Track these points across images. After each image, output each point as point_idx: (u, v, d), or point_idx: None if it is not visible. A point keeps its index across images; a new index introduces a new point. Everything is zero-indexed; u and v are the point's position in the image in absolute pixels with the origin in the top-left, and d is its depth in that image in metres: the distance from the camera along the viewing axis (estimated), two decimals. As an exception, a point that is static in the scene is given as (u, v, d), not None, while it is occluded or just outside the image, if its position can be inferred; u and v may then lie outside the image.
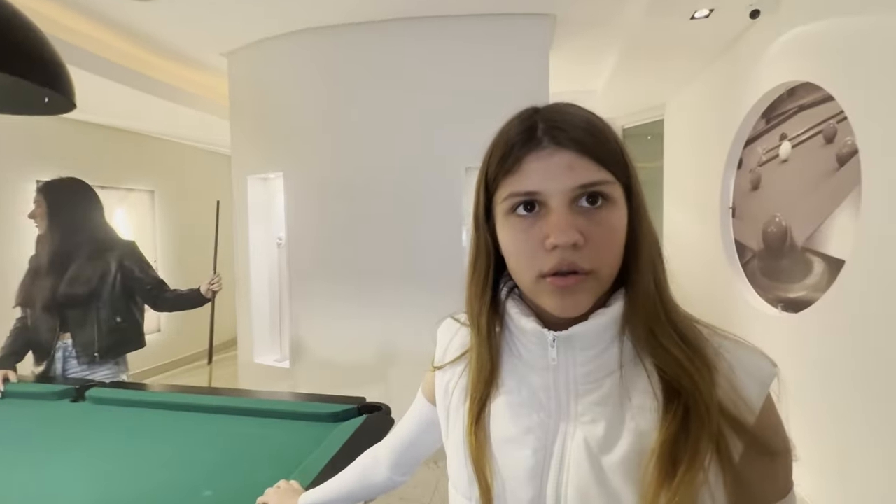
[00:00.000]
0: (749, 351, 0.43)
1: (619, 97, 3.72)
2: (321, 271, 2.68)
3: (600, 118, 0.44)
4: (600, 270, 0.40)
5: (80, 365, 1.68)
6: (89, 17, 2.38)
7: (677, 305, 0.44)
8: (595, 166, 0.40)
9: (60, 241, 1.67)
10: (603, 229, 0.40)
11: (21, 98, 0.94)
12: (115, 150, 3.87)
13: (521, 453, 0.43)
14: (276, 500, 0.78)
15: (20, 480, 0.96)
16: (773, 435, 0.41)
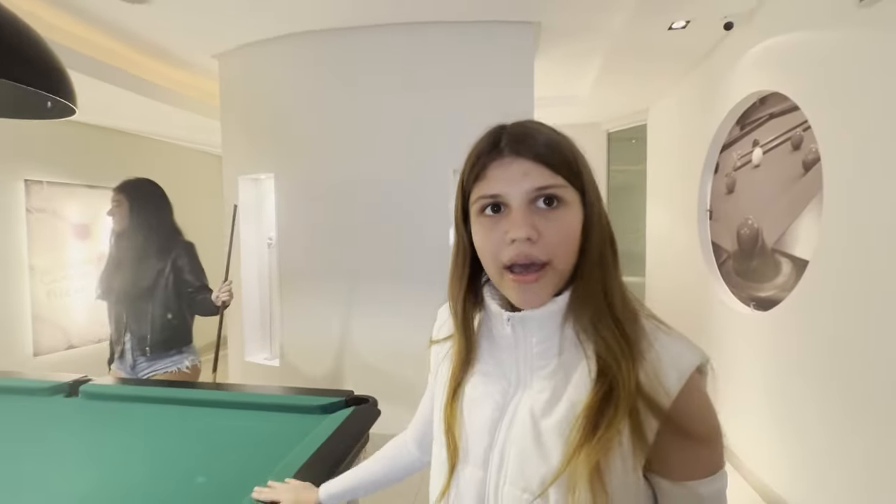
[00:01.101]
0: (678, 344, 0.48)
1: (602, 102, 3.82)
2: (310, 271, 2.73)
3: (560, 133, 0.51)
4: (555, 261, 0.47)
5: (142, 357, 1.79)
6: (82, 19, 2.40)
7: (627, 299, 0.50)
8: (549, 172, 0.47)
9: (137, 238, 1.78)
10: (557, 226, 0.47)
11: (25, 104, 0.98)
12: (106, 150, 3.87)
13: (483, 411, 0.52)
14: (288, 496, 0.78)
15: (13, 473, 1.00)
16: (690, 421, 0.44)
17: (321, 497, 0.78)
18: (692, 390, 0.45)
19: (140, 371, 1.85)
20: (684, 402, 0.45)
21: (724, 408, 2.47)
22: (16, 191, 3.22)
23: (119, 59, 2.76)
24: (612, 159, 4.60)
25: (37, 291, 3.35)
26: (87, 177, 3.71)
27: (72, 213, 3.61)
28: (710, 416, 0.47)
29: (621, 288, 0.50)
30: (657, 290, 3.79)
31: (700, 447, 0.46)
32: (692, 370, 0.45)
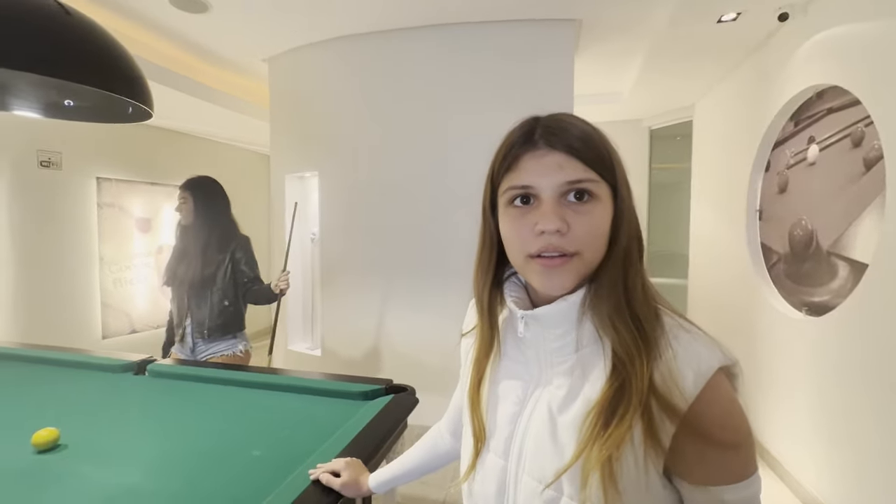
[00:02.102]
0: (698, 343, 0.46)
1: (646, 99, 3.71)
2: (350, 265, 2.83)
3: (594, 128, 0.51)
4: (584, 253, 0.47)
5: (201, 341, 1.96)
6: (148, 29, 2.60)
7: (648, 295, 0.49)
8: (582, 167, 0.47)
9: (201, 231, 1.96)
10: (587, 220, 0.47)
11: (110, 109, 1.10)
12: (166, 150, 4.16)
13: (505, 404, 0.54)
14: (347, 473, 0.83)
15: (93, 438, 1.12)
16: (710, 425, 0.43)
17: (371, 485, 0.83)
18: (713, 393, 0.43)
19: (199, 353, 2.00)
20: (704, 406, 0.43)
21: (771, 415, 2.36)
22: (89, 187, 3.53)
23: (179, 66, 2.97)
24: (655, 157, 4.45)
25: (105, 280, 3.66)
26: (149, 174, 4.00)
27: (135, 207, 3.91)
28: (734, 422, 0.44)
29: (644, 284, 0.49)
30: (701, 294, 3.65)
31: (723, 453, 0.44)
32: (712, 372, 0.44)
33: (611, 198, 0.49)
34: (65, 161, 3.39)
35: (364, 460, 0.93)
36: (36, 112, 1.12)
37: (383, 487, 0.83)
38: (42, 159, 3.27)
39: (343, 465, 0.86)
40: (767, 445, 2.44)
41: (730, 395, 0.45)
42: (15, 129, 3.09)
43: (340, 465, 0.86)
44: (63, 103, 1.12)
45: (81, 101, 1.13)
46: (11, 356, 1.77)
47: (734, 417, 0.45)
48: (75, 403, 1.35)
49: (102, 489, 0.89)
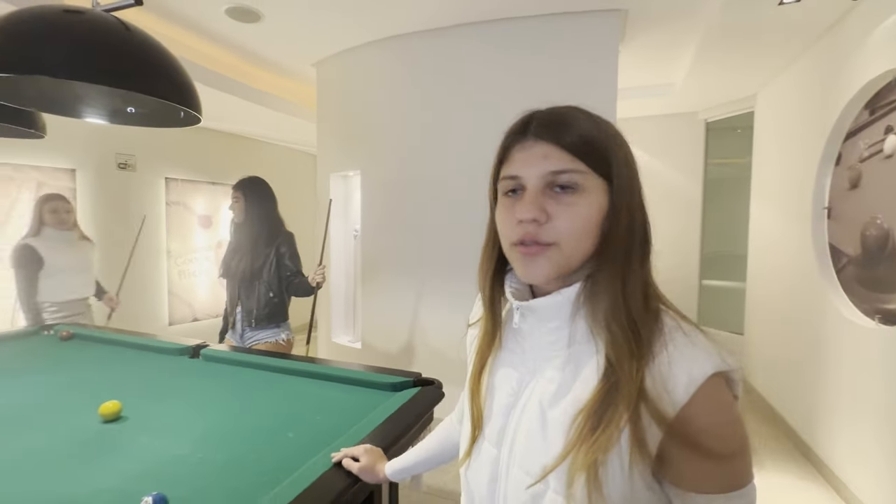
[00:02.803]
0: (695, 347, 0.44)
1: (700, 90, 3.50)
2: (389, 262, 2.91)
3: (595, 120, 0.50)
4: (562, 244, 0.46)
5: (249, 328, 2.13)
6: (205, 37, 2.81)
7: (650, 297, 0.48)
8: (569, 157, 0.46)
9: (251, 227, 2.12)
10: (569, 212, 0.46)
11: (163, 115, 1.22)
12: (224, 151, 4.47)
13: (501, 395, 0.55)
14: (365, 459, 0.87)
15: (153, 410, 1.24)
16: (699, 433, 0.42)
17: (387, 472, 0.87)
18: (704, 399, 0.42)
19: (246, 340, 2.15)
20: (694, 411, 0.41)
21: (834, 431, 2.16)
22: (159, 187, 3.87)
23: (235, 72, 3.18)
24: (712, 151, 4.18)
25: (171, 271, 4.00)
26: (210, 175, 4.32)
27: (197, 205, 4.24)
28: (726, 430, 0.43)
29: (645, 285, 0.48)
30: (760, 298, 3.40)
31: (714, 461, 0.42)
32: (705, 377, 0.42)
33: (605, 191, 0.48)
34: (139, 163, 3.74)
35: (385, 448, 0.97)
36: (104, 119, 1.26)
37: (398, 475, 0.86)
38: (120, 161, 3.62)
39: (362, 451, 0.90)
40: (829, 463, 2.24)
41: (723, 402, 0.43)
42: (98, 136, 3.45)
43: (360, 451, 0.90)
44: (126, 110, 1.25)
45: (141, 107, 1.26)
46: (90, 337, 2.00)
47: (726, 425, 0.43)
48: (138, 380, 1.50)
49: (155, 457, 0.99)
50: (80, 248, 2.47)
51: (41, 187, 3.21)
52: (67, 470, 0.95)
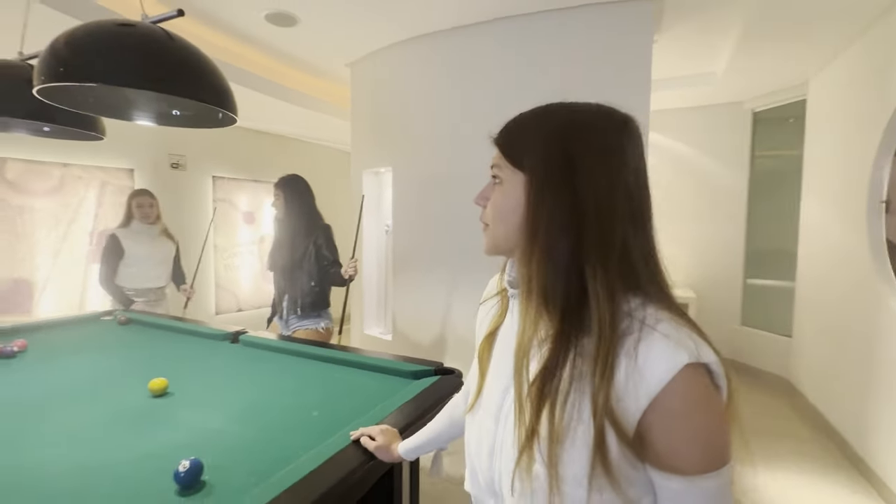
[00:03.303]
0: (667, 341, 0.45)
1: (745, 78, 3.32)
2: (420, 256, 2.97)
3: (527, 116, 0.57)
4: (491, 226, 0.57)
5: (294, 316, 2.28)
6: (244, 42, 2.97)
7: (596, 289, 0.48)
8: (498, 154, 0.56)
9: (290, 222, 2.28)
10: (493, 199, 0.57)
11: (203, 116, 1.32)
12: (265, 150, 4.69)
13: (501, 374, 0.58)
14: (381, 438, 0.92)
15: (198, 388, 1.36)
16: (674, 419, 0.45)
17: (400, 451, 0.92)
18: (678, 388, 0.44)
19: (291, 326, 2.30)
20: (667, 399, 0.44)
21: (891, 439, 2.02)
22: (207, 185, 4.12)
23: (273, 74, 3.33)
24: (760, 143, 3.95)
25: (218, 265, 4.25)
26: (253, 173, 4.55)
27: (241, 202, 4.48)
28: (700, 416, 0.45)
29: (574, 274, 0.49)
30: (810, 296, 3.19)
31: (687, 445, 0.45)
32: (678, 368, 0.44)
33: (523, 185, 0.53)
34: (189, 163, 4.00)
35: (400, 430, 1.02)
36: (152, 121, 1.38)
37: (411, 454, 0.91)
38: (172, 161, 3.89)
39: (378, 431, 0.95)
40: (883, 476, 2.09)
41: (697, 390, 0.45)
42: (153, 138, 3.72)
43: (376, 430, 0.95)
44: (171, 113, 1.37)
45: (184, 110, 1.37)
46: (144, 323, 2.18)
47: (700, 411, 0.45)
48: (184, 361, 1.63)
49: (195, 429, 1.09)
50: (160, 242, 2.69)
51: (105, 186, 3.51)
52: (119, 437, 1.06)
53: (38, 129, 1.61)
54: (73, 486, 0.86)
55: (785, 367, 3.51)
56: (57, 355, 1.68)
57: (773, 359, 3.64)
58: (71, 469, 0.92)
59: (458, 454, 2.35)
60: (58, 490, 0.85)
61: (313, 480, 0.83)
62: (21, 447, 1.01)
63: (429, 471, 1.49)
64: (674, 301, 0.51)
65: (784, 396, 3.37)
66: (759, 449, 2.52)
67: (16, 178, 3.07)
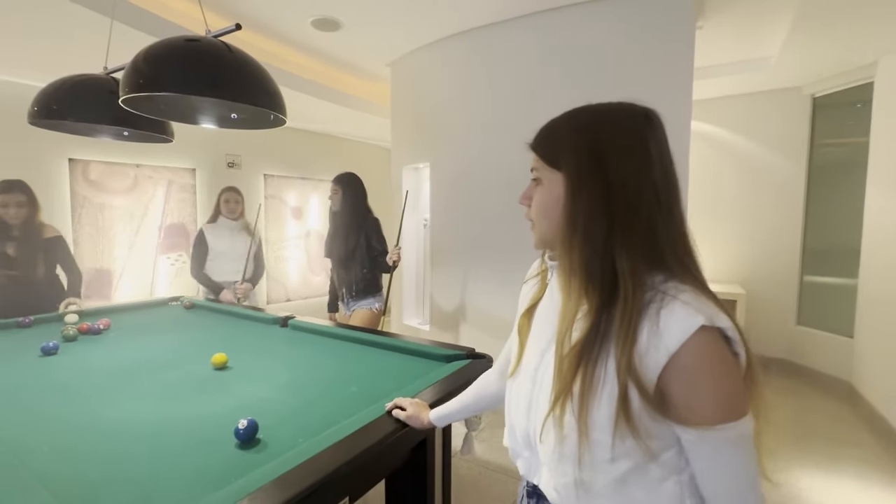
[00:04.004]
0: (685, 307, 0.51)
1: (804, 61, 3.12)
2: (457, 249, 3.05)
3: (560, 120, 0.63)
4: (536, 222, 0.64)
5: (351, 299, 2.51)
6: (292, 47, 3.15)
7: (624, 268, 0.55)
8: (535, 157, 0.64)
9: (345, 215, 2.49)
10: (535, 198, 0.64)
11: (259, 118, 1.47)
12: (310, 149, 4.94)
13: (539, 339, 0.67)
14: (411, 409, 1.01)
15: (252, 364, 1.51)
16: (691, 374, 0.51)
17: (431, 417, 1.00)
18: (693, 346, 0.50)
19: (350, 307, 2.53)
20: (683, 357, 0.50)
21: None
22: (259, 182, 4.41)
23: (318, 76, 3.51)
24: (821, 131, 3.69)
25: (269, 257, 4.54)
26: (300, 171, 4.81)
27: (290, 198, 4.74)
28: (714, 372, 0.51)
29: (609, 259, 0.55)
30: (876, 298, 2.97)
31: (704, 398, 0.51)
32: (693, 329, 0.50)
33: (562, 183, 0.60)
34: (243, 162, 4.30)
35: (430, 405, 1.10)
36: (213, 124, 1.54)
37: (440, 421, 0.99)
38: (229, 161, 4.20)
39: (409, 402, 1.04)
40: (951, 487, 1.94)
41: (712, 348, 0.51)
42: (211, 140, 4.03)
43: (407, 402, 1.04)
44: (230, 116, 1.52)
45: (241, 113, 1.52)
46: (206, 307, 2.42)
47: (714, 368, 0.51)
48: (240, 341, 1.81)
49: (249, 397, 1.23)
50: (240, 237, 2.89)
51: (171, 184, 3.85)
52: (189, 399, 1.22)
53: (119, 133, 1.83)
54: (155, 433, 1.03)
55: (845, 369, 3.29)
56: (135, 333, 1.91)
57: (833, 360, 3.42)
58: (153, 420, 1.09)
59: (489, 440, 2.47)
60: (144, 435, 1.02)
61: (353, 440, 0.93)
62: (114, 403, 1.19)
63: (460, 450, 1.57)
64: (699, 278, 0.57)
65: (844, 400, 3.17)
66: (817, 454, 2.40)
67: (97, 178, 3.44)
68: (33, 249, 2.24)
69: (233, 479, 0.82)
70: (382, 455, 0.96)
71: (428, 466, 1.30)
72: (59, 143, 3.16)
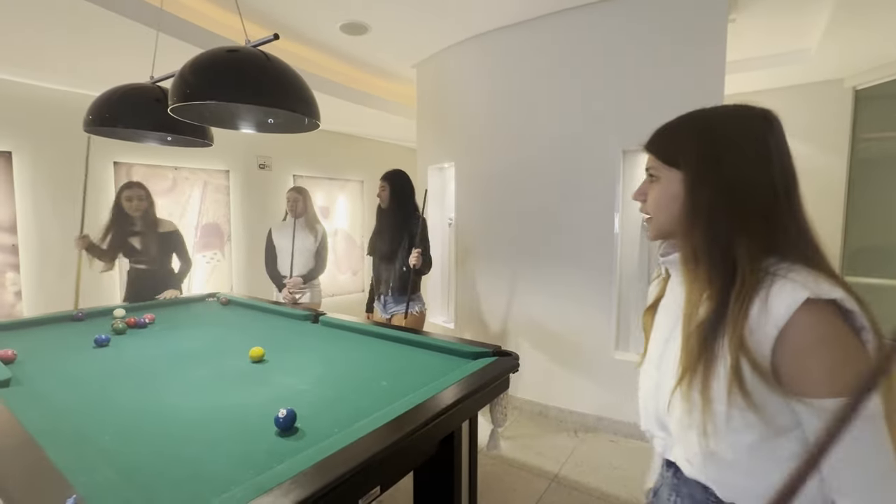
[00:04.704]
0: (793, 283, 0.54)
1: (845, 52, 2.99)
2: (481, 248, 3.07)
3: (678, 122, 0.68)
4: (653, 216, 0.70)
5: (390, 299, 2.47)
6: (321, 51, 3.24)
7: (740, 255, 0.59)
8: (651, 157, 0.69)
9: (395, 213, 2.46)
10: (651, 194, 0.69)
11: (294, 123, 1.53)
12: (336, 149, 5.05)
13: (662, 330, 0.73)
14: None
15: (285, 358, 1.58)
16: (802, 346, 0.53)
17: None
18: (801, 319, 0.52)
19: (389, 309, 2.47)
20: (793, 330, 0.53)
21: None
22: (288, 182, 4.55)
23: (345, 79, 3.60)
24: (864, 124, 3.52)
25: (298, 255, 4.67)
26: (327, 171, 4.93)
27: (318, 198, 4.86)
28: (825, 344, 0.52)
29: (715, 241, 0.60)
30: None
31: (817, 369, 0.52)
32: (800, 303, 0.53)
33: (679, 180, 0.65)
34: (273, 163, 4.44)
35: (457, 401, 1.14)
36: (252, 129, 1.62)
37: None
38: (260, 162, 4.35)
39: None
40: None
41: (821, 321, 0.53)
42: (244, 142, 4.18)
43: None
44: (267, 121, 1.60)
45: (277, 118, 1.59)
46: (242, 304, 2.52)
47: (825, 339, 0.53)
48: (275, 335, 1.89)
49: (286, 389, 1.30)
50: (302, 235, 2.94)
51: (206, 185, 4.02)
52: (230, 389, 1.29)
53: (164, 139, 1.94)
54: (198, 420, 1.10)
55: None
56: (177, 327, 2.03)
57: (875, 365, 3.26)
58: (199, 408, 1.16)
59: (516, 438, 2.49)
60: (192, 421, 1.09)
61: (385, 431, 0.98)
62: (160, 392, 1.27)
63: (486, 445, 1.60)
64: (815, 259, 0.59)
65: (887, 407, 3.02)
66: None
67: (140, 180, 3.63)
68: (153, 242, 2.61)
69: (274, 465, 0.88)
70: (412, 446, 1.00)
71: (455, 460, 1.34)
72: (105, 147, 3.35)
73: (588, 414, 2.67)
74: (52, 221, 3.22)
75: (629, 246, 2.67)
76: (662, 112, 0.77)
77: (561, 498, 2.01)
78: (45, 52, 2.54)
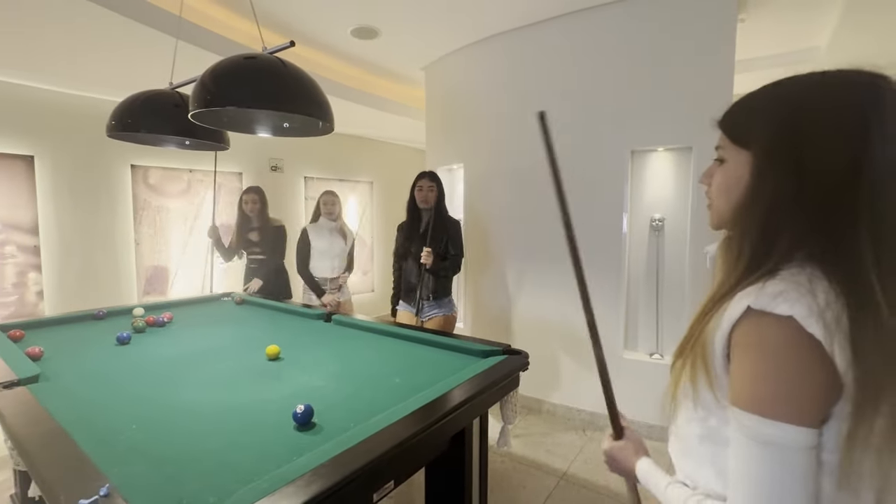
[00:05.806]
0: (742, 297, 0.49)
1: (856, 50, 2.97)
2: (490, 249, 3.09)
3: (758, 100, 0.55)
4: (713, 202, 0.60)
5: (426, 303, 2.39)
6: (332, 55, 3.29)
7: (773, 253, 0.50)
8: (722, 136, 0.58)
9: (440, 214, 2.37)
10: (715, 178, 0.59)
11: (309, 126, 1.58)
12: (347, 152, 5.11)
13: None
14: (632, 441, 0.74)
15: (299, 355, 1.62)
16: (735, 350, 0.50)
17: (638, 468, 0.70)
18: (742, 326, 0.49)
19: (423, 314, 2.39)
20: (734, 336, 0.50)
21: None
22: (300, 184, 4.61)
23: (356, 82, 3.64)
24: (878, 123, 3.48)
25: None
26: (338, 172, 4.98)
27: (329, 199, 4.92)
28: (752, 353, 0.48)
29: (764, 237, 0.51)
30: None
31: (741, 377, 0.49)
32: (742, 310, 0.48)
33: (747, 163, 0.54)
34: (285, 166, 4.51)
35: (469, 397, 1.16)
36: (268, 133, 1.67)
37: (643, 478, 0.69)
38: (272, 165, 4.41)
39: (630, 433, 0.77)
40: None
41: (755, 331, 0.48)
42: (256, 145, 4.25)
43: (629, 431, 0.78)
44: (283, 125, 1.64)
45: (293, 122, 1.63)
46: (255, 303, 2.58)
47: (753, 349, 0.48)
48: (289, 333, 1.93)
49: (302, 385, 1.34)
50: (336, 237, 2.99)
51: (220, 188, 4.09)
52: (247, 386, 1.34)
53: (182, 143, 2.00)
54: (219, 415, 1.14)
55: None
56: (195, 325, 2.08)
57: None
58: (220, 403, 1.21)
59: (527, 436, 2.51)
60: (213, 415, 1.14)
61: (399, 426, 1.01)
62: (185, 386, 1.33)
63: (497, 442, 1.63)
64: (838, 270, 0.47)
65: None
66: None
67: (156, 183, 3.71)
68: (267, 236, 3.03)
69: (293, 458, 0.92)
70: (425, 442, 1.04)
71: (466, 456, 1.37)
72: (122, 150, 3.44)
73: (596, 412, 2.68)
74: (72, 223, 3.30)
75: (637, 246, 2.68)
76: (672, 112, 0.74)
77: (570, 495, 2.02)
78: (67, 58, 2.62)
